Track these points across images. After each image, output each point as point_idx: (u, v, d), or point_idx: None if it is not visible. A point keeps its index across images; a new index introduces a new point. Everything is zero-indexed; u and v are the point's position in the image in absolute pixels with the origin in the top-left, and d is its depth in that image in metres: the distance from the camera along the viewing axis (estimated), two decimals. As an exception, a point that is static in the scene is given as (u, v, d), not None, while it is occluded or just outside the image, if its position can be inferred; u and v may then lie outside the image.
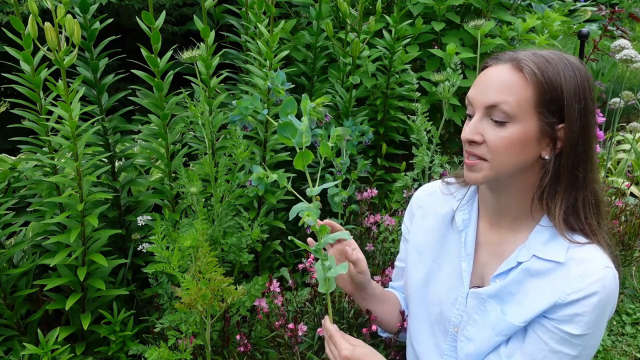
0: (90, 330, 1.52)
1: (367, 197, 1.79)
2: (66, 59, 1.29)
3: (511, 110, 0.90)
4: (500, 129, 0.91)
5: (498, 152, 0.92)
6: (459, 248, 1.07)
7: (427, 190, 1.20)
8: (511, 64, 0.92)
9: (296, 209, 0.90)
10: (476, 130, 0.93)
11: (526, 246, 0.97)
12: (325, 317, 1.04)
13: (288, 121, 0.88)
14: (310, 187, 0.91)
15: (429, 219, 1.15)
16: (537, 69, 0.90)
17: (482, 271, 1.05)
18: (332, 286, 0.98)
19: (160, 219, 1.47)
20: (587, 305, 0.90)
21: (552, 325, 0.93)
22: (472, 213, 1.08)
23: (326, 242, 0.95)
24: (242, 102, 1.00)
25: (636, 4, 5.69)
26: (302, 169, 0.88)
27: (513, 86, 0.91)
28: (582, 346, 0.92)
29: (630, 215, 2.16)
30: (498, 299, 0.99)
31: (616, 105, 3.24)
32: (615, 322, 2.13)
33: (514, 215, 1.00)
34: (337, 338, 1.00)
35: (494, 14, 2.34)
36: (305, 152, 0.88)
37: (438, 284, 1.10)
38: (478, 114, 0.94)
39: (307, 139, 0.88)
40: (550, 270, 0.94)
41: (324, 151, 0.91)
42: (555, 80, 0.91)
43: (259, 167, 0.93)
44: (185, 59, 1.35)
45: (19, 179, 1.72)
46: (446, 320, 1.07)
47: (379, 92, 2.23)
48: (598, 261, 0.92)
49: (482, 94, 0.93)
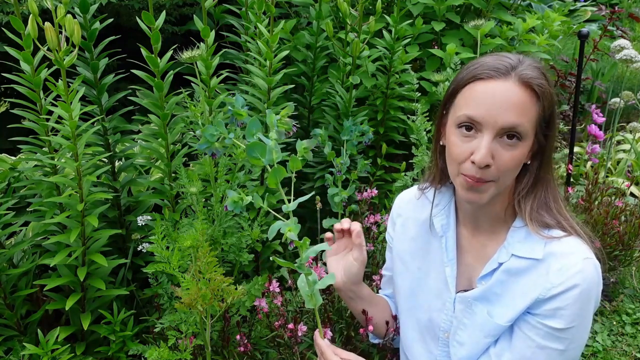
0: (90, 330, 1.52)
1: (367, 197, 1.79)
2: (66, 59, 1.29)
3: (525, 131, 0.89)
4: (512, 149, 0.89)
5: (507, 172, 0.91)
6: (441, 254, 1.06)
7: (405, 198, 1.19)
8: (517, 80, 0.88)
9: (274, 228, 0.89)
10: (491, 153, 0.89)
11: (505, 246, 0.98)
12: (315, 332, 1.03)
13: (255, 141, 0.86)
14: (286, 204, 0.90)
15: (410, 226, 1.14)
16: (541, 85, 0.89)
17: (469, 274, 1.05)
18: (319, 301, 0.97)
19: (160, 219, 1.47)
20: (569, 299, 0.90)
21: (536, 321, 0.93)
22: (450, 218, 1.06)
23: (307, 258, 0.93)
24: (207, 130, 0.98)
25: (636, 4, 5.69)
26: (275, 187, 0.87)
27: (525, 106, 0.88)
28: (569, 340, 0.92)
29: (630, 215, 2.16)
30: (484, 300, 0.99)
31: (616, 105, 3.24)
32: (615, 322, 2.13)
33: (493, 219, 1.00)
34: (329, 354, 0.99)
35: (494, 14, 2.34)
36: (278, 168, 0.86)
37: (425, 291, 1.09)
38: (489, 134, 0.88)
39: (277, 155, 0.87)
40: (530, 267, 0.94)
41: (293, 165, 0.89)
42: (551, 94, 0.91)
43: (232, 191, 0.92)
44: (185, 59, 1.35)
45: (19, 179, 1.72)
46: (436, 327, 1.07)
47: (379, 92, 2.23)
48: (577, 254, 0.91)
49: (495, 115, 0.87)
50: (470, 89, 0.91)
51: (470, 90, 0.91)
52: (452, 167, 0.95)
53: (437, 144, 1.03)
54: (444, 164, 1.01)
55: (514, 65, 0.90)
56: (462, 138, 0.91)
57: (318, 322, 1.02)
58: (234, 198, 0.91)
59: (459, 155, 0.91)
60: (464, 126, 0.91)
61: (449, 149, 0.95)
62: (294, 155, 0.89)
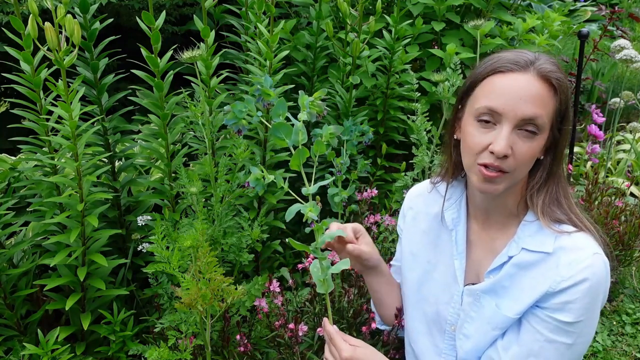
0: (90, 330, 1.52)
1: (367, 197, 1.79)
2: (66, 59, 1.29)
3: (543, 123, 0.91)
4: (529, 141, 0.91)
5: (523, 163, 0.93)
6: (451, 247, 1.08)
7: (417, 191, 1.20)
8: (536, 74, 0.91)
9: (293, 209, 0.89)
10: (510, 143, 0.91)
11: (515, 240, 0.99)
12: (324, 319, 1.04)
13: (281, 122, 0.87)
14: (307, 186, 0.91)
15: (421, 219, 1.15)
16: (558, 79, 0.91)
17: (477, 268, 1.05)
18: (331, 286, 0.97)
19: (160, 219, 1.47)
20: (578, 292, 0.90)
21: (544, 314, 0.93)
22: (461, 211, 1.08)
23: (324, 241, 0.94)
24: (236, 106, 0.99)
25: (636, 4, 5.69)
26: (297, 168, 0.88)
27: (544, 98, 0.91)
28: (577, 334, 0.92)
29: (630, 215, 2.16)
30: (493, 293, 1.00)
31: (616, 105, 3.24)
32: (615, 322, 2.13)
33: (503, 212, 1.01)
34: (338, 340, 1.00)
35: (494, 14, 2.34)
36: (302, 149, 0.87)
37: (433, 283, 1.10)
38: (509, 125, 0.90)
39: (303, 136, 0.87)
40: (540, 260, 0.95)
41: (318, 149, 0.90)
42: (567, 88, 0.92)
43: (256, 168, 0.92)
44: (185, 59, 1.36)
45: (19, 179, 1.72)
46: (443, 320, 1.08)
47: (379, 92, 2.23)
48: (587, 248, 0.92)
49: (515, 106, 0.90)
50: (490, 81, 0.94)
51: (490, 83, 0.93)
52: (468, 159, 0.97)
53: (452, 138, 1.05)
54: (458, 158, 1.03)
55: (532, 60, 0.92)
56: (480, 129, 0.93)
57: (328, 308, 1.02)
58: (257, 175, 0.91)
59: (476, 146, 0.93)
60: (483, 118, 0.93)
61: (466, 141, 0.97)
62: (318, 139, 0.90)
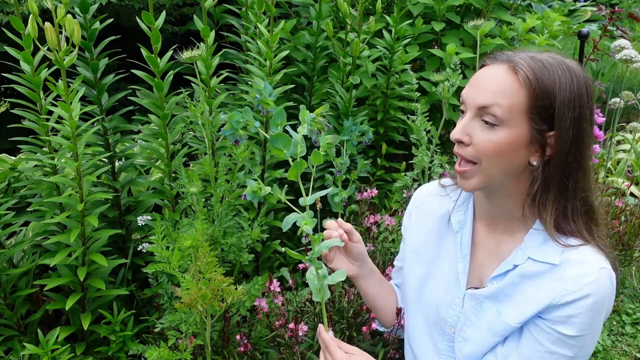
0: (90, 330, 1.52)
1: (367, 197, 1.79)
2: (66, 59, 1.29)
3: (502, 114, 0.89)
4: (490, 131, 0.91)
5: (486, 155, 0.92)
6: (455, 249, 1.07)
7: (425, 191, 1.20)
8: (507, 66, 0.91)
9: (290, 220, 0.88)
10: (465, 130, 0.93)
11: (522, 248, 0.97)
12: (320, 326, 1.03)
13: (279, 132, 0.86)
14: (304, 197, 0.90)
15: (426, 219, 1.15)
16: (532, 73, 0.89)
17: (480, 272, 1.05)
18: (327, 294, 0.97)
19: (160, 219, 1.47)
20: (581, 307, 0.89)
21: (546, 325, 0.93)
22: (468, 214, 1.07)
23: (320, 251, 0.93)
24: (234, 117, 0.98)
25: (636, 4, 5.69)
26: (295, 179, 0.87)
27: (506, 89, 0.89)
28: (578, 347, 0.92)
29: (630, 215, 2.16)
30: (495, 300, 0.99)
31: (616, 105, 3.24)
32: (615, 322, 2.13)
33: (508, 217, 1.00)
34: (332, 347, 0.99)
35: (494, 14, 2.34)
36: (300, 162, 0.86)
37: (435, 285, 1.10)
38: (469, 113, 0.93)
39: (302, 149, 0.86)
40: (545, 272, 0.94)
41: (315, 160, 0.89)
42: (549, 87, 0.89)
43: (252, 181, 0.91)
44: (185, 59, 1.35)
45: (19, 179, 1.72)
46: (443, 321, 1.07)
47: (379, 92, 2.23)
48: (593, 262, 0.91)
49: (475, 94, 0.92)
50: None
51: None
52: None
53: None
54: None
55: (513, 55, 0.93)
56: (459, 119, 0.97)
57: (324, 315, 1.02)
58: (253, 188, 0.90)
59: (451, 136, 0.96)
60: (460, 108, 0.97)
61: None
62: (316, 150, 0.90)
